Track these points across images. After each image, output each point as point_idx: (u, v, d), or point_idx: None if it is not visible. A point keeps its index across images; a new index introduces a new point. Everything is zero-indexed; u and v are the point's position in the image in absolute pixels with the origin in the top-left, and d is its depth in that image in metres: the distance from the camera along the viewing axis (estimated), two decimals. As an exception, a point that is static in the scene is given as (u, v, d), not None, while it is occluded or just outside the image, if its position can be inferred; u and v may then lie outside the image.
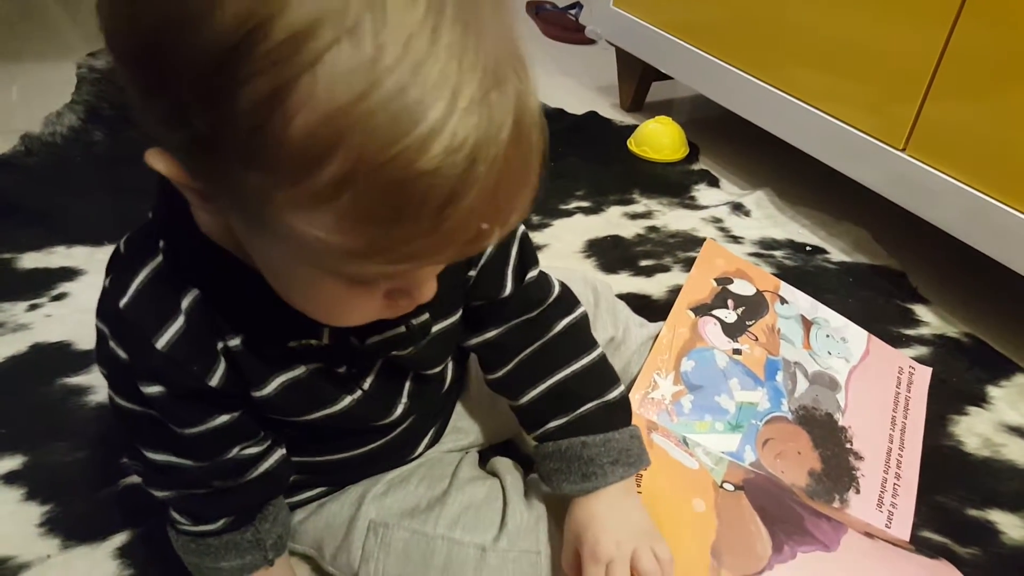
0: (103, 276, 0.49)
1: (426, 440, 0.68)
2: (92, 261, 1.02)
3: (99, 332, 0.49)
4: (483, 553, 0.60)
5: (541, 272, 0.63)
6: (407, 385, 0.59)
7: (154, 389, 0.47)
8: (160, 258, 0.47)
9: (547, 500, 0.64)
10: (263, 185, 0.33)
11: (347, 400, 0.54)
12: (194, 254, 0.45)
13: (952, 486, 0.80)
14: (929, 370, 0.93)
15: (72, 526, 0.69)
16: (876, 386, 0.87)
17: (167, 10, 0.31)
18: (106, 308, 0.48)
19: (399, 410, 0.59)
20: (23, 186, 1.16)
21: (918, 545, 0.73)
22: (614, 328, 0.81)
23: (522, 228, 0.60)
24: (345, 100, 0.30)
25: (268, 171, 0.32)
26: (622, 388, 0.64)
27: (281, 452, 0.57)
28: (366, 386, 0.55)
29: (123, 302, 0.46)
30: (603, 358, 0.65)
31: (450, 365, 0.66)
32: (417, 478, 0.65)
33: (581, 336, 0.64)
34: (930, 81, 1.01)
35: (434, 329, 0.55)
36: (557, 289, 0.64)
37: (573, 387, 0.62)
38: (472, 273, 0.57)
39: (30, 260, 1.01)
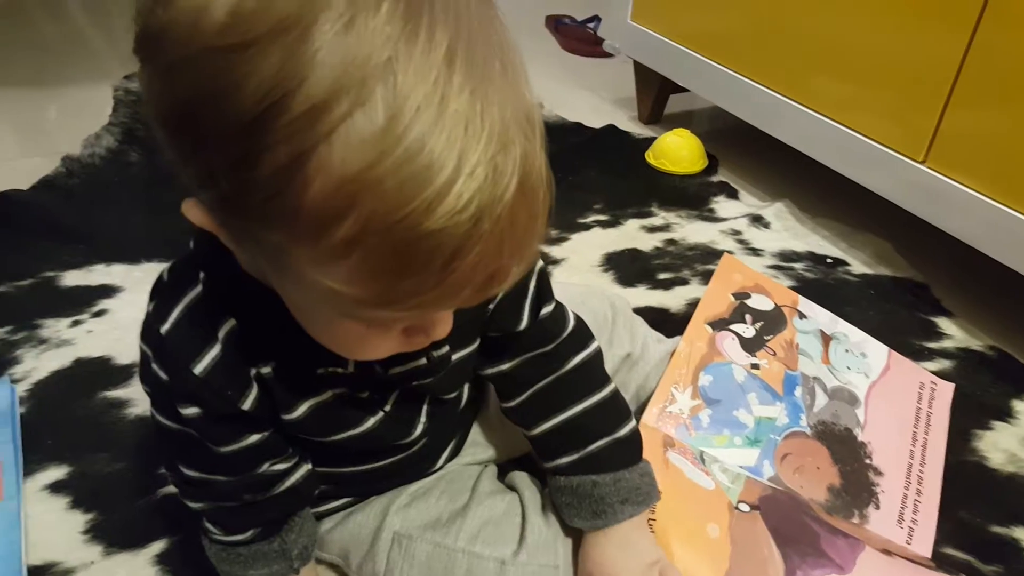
0: (139, 294, 0.52)
1: (446, 454, 0.70)
2: (129, 279, 1.06)
3: (143, 354, 0.52)
4: (503, 567, 0.61)
5: (558, 305, 0.65)
6: (425, 407, 0.61)
7: (191, 411, 0.50)
8: (200, 288, 0.50)
9: None
10: (282, 242, 0.36)
11: (370, 422, 0.57)
12: (231, 286, 0.48)
13: (975, 502, 0.80)
14: (952, 386, 0.92)
15: (113, 533, 0.72)
16: (897, 401, 0.87)
17: (199, 84, 0.33)
18: (149, 332, 0.51)
19: (418, 430, 0.61)
20: (65, 206, 1.21)
21: (939, 562, 0.73)
22: (631, 344, 0.82)
23: (540, 263, 0.62)
24: (357, 168, 0.32)
25: (286, 231, 0.35)
26: (633, 424, 0.66)
27: (307, 468, 0.59)
28: (387, 408, 0.58)
29: (164, 328, 0.49)
30: (615, 394, 0.66)
31: (466, 388, 0.68)
32: (439, 491, 0.67)
33: (594, 372, 0.66)
34: (950, 91, 1.00)
35: (453, 358, 0.57)
36: (572, 323, 0.66)
37: (585, 423, 0.64)
38: (490, 306, 0.59)
39: (72, 278, 1.05)
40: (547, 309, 0.63)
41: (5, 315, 0.97)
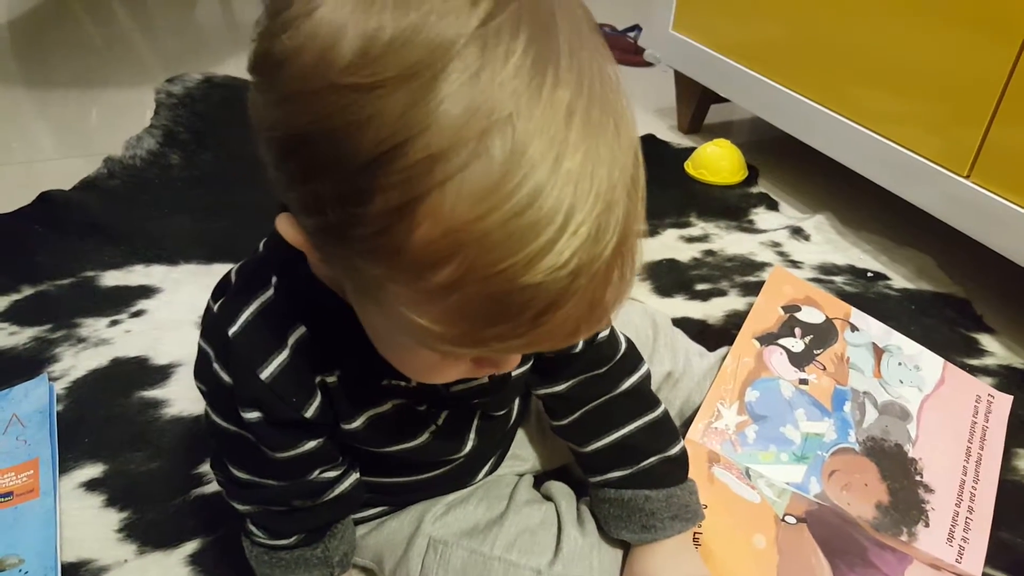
0: (178, 295, 0.53)
1: (487, 468, 0.70)
2: (168, 280, 1.07)
3: (202, 351, 0.52)
4: None
5: (612, 329, 0.65)
6: (475, 423, 0.61)
7: (253, 415, 0.50)
8: (271, 291, 0.49)
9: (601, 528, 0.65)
10: (380, 277, 0.36)
11: (424, 436, 0.57)
12: (305, 294, 0.48)
13: (1017, 523, 0.78)
14: (1010, 398, 0.89)
15: (147, 532, 0.72)
16: (951, 416, 0.85)
17: (320, 119, 0.33)
18: (213, 331, 0.51)
19: (468, 447, 0.61)
20: (105, 207, 1.23)
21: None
22: (672, 363, 0.81)
23: None
24: (467, 218, 0.32)
25: (387, 267, 0.35)
26: (682, 444, 0.66)
27: (355, 476, 0.59)
28: (440, 422, 0.58)
29: (232, 330, 0.49)
30: (666, 414, 0.67)
31: (516, 404, 0.68)
32: (476, 499, 0.67)
33: (645, 394, 0.67)
34: (997, 104, 0.98)
35: (512, 376, 0.58)
36: (624, 346, 0.66)
37: (636, 442, 0.64)
38: None
39: (111, 278, 1.06)
40: (603, 334, 0.64)
41: (45, 314, 0.99)
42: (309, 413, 0.51)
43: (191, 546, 0.71)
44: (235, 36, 2.05)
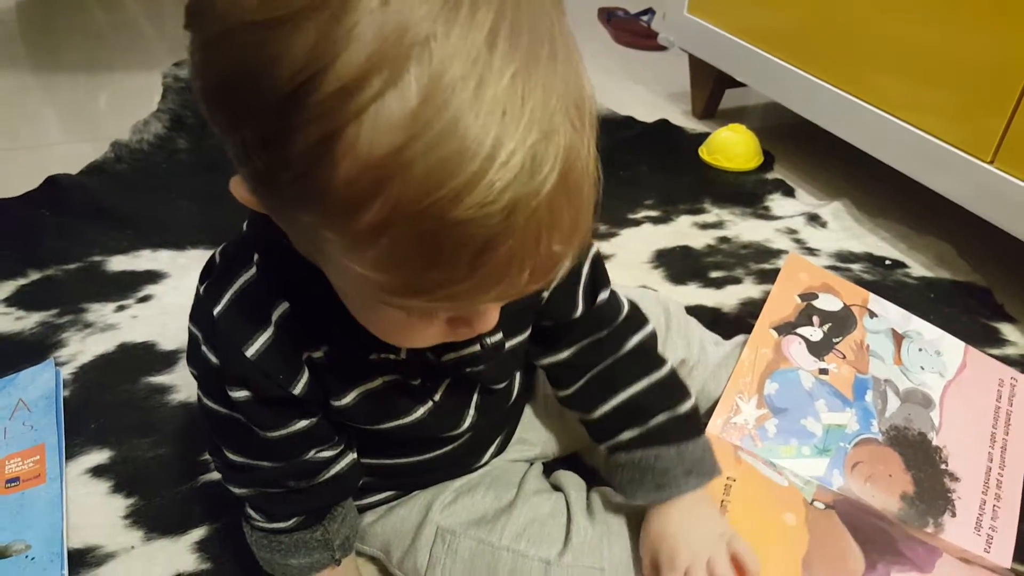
0: (185, 280, 0.52)
1: (492, 449, 0.68)
2: (175, 265, 1.06)
3: (191, 336, 0.51)
4: (547, 567, 0.60)
5: (612, 292, 0.63)
6: (475, 398, 0.60)
7: (241, 394, 0.50)
8: (254, 270, 0.49)
9: (611, 515, 0.64)
10: (313, 224, 0.35)
11: (419, 412, 0.56)
12: (285, 269, 0.47)
13: None
14: None
15: (154, 519, 0.72)
16: (974, 401, 0.83)
17: (237, 59, 0.33)
18: (200, 314, 0.50)
19: (467, 422, 0.60)
20: (112, 191, 1.22)
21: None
22: (686, 351, 0.80)
23: (595, 249, 0.61)
24: (385, 151, 0.31)
25: (316, 211, 0.34)
26: (692, 401, 0.64)
27: (352, 456, 0.58)
28: (437, 398, 0.56)
29: (217, 310, 0.48)
30: (673, 372, 0.65)
31: (517, 377, 0.66)
32: (484, 487, 0.66)
33: (651, 353, 0.65)
34: (1022, 90, 0.96)
35: (506, 346, 0.56)
36: (627, 308, 0.65)
37: (644, 401, 0.63)
38: (544, 294, 0.58)
39: (118, 263, 1.06)
40: (603, 296, 0.62)
41: (51, 298, 0.98)
42: (297, 390, 0.50)
43: (198, 533, 0.71)
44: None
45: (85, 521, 0.71)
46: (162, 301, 0.99)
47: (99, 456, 0.77)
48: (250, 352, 0.48)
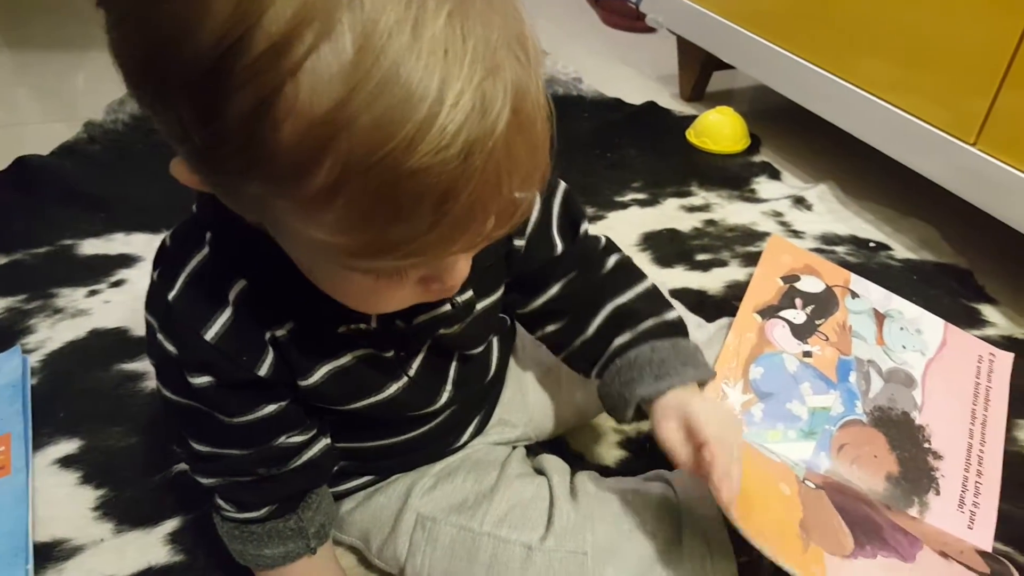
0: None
1: (470, 429, 0.67)
2: (150, 249, 1.02)
3: (148, 325, 0.50)
4: (529, 552, 0.59)
5: (586, 229, 0.64)
6: (451, 373, 0.59)
7: (202, 380, 0.48)
8: (206, 250, 0.47)
9: (595, 500, 0.63)
10: (263, 193, 0.34)
11: (393, 388, 0.55)
12: (239, 245, 0.46)
13: (1018, 493, 0.77)
14: (1011, 356, 0.88)
15: (125, 511, 0.70)
16: (954, 379, 0.83)
17: (156, 29, 0.31)
18: (155, 301, 0.48)
19: (444, 398, 0.59)
20: (85, 173, 1.19)
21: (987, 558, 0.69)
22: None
23: (563, 186, 0.61)
24: (328, 106, 0.30)
25: (264, 180, 0.33)
26: (677, 313, 0.64)
27: (325, 441, 0.57)
28: (412, 373, 0.55)
29: (171, 295, 0.47)
30: (656, 287, 0.65)
31: (495, 352, 0.66)
32: (465, 471, 0.65)
33: (633, 268, 0.66)
34: (1005, 71, 0.96)
35: (478, 307, 0.56)
36: (603, 239, 0.66)
37: (633, 309, 0.62)
38: (520, 243, 0.58)
39: (90, 247, 1.03)
40: (583, 228, 0.63)
41: (19, 283, 0.95)
42: (263, 371, 0.48)
43: (171, 524, 0.69)
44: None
45: (52, 513, 0.69)
46: (136, 286, 0.97)
47: (68, 446, 0.75)
48: (209, 335, 0.46)
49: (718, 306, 1.00)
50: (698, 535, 0.61)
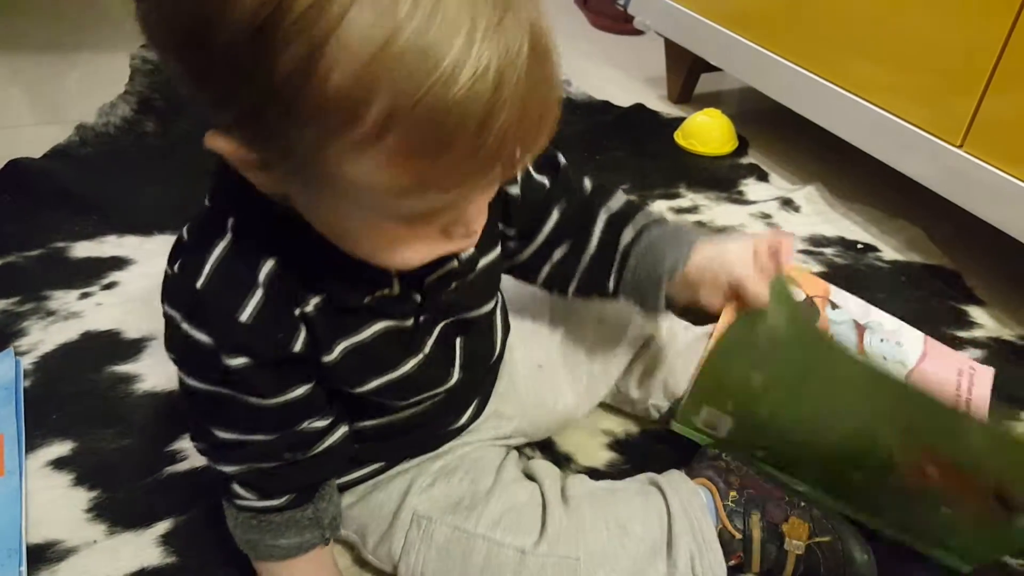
0: (152, 266, 0.51)
1: (469, 411, 0.68)
2: (141, 251, 1.03)
3: (168, 318, 0.50)
4: (523, 556, 0.60)
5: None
6: (459, 349, 0.62)
7: (240, 361, 0.49)
8: (229, 236, 0.48)
9: (587, 505, 0.64)
10: (315, 141, 0.36)
11: (409, 364, 0.56)
12: (264, 225, 0.47)
13: None
14: (991, 370, 0.88)
15: (118, 512, 0.70)
16: (935, 390, 0.82)
17: (193, 7, 0.34)
18: (179, 293, 0.49)
19: (455, 376, 0.61)
20: (77, 176, 1.19)
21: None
22: (654, 327, 0.79)
23: None
24: (371, 52, 0.33)
25: (316, 126, 0.35)
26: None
27: (344, 429, 0.59)
28: (427, 349, 0.57)
29: (200, 283, 0.47)
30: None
31: (498, 331, 0.67)
32: (463, 471, 0.66)
33: (604, 184, 0.69)
34: (991, 74, 0.97)
35: (480, 264, 0.59)
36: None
37: (624, 212, 0.67)
38: (515, 191, 0.62)
39: (82, 249, 1.03)
40: (562, 160, 0.66)
41: (12, 286, 0.95)
42: (297, 347, 0.50)
43: (163, 526, 0.69)
44: (214, 1, 1.99)
45: (46, 515, 0.69)
46: (128, 288, 0.97)
47: (61, 448, 0.76)
48: (244, 317, 0.47)
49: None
50: (688, 537, 0.62)
